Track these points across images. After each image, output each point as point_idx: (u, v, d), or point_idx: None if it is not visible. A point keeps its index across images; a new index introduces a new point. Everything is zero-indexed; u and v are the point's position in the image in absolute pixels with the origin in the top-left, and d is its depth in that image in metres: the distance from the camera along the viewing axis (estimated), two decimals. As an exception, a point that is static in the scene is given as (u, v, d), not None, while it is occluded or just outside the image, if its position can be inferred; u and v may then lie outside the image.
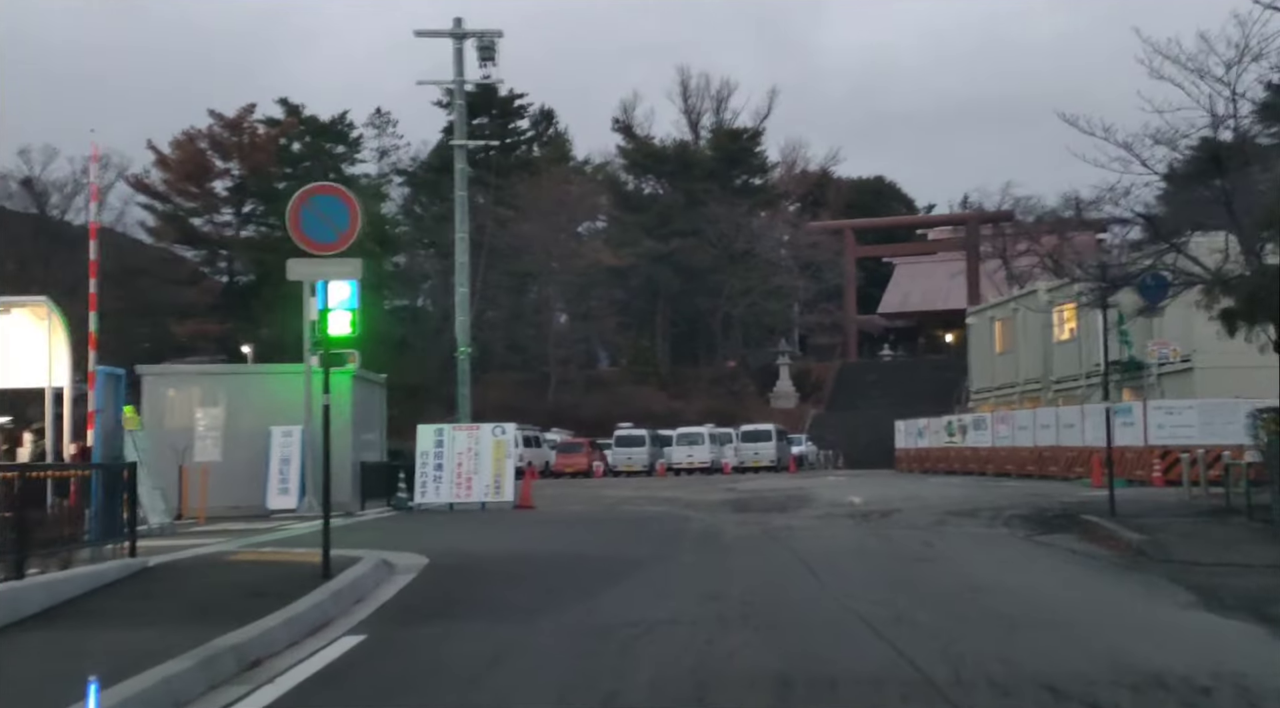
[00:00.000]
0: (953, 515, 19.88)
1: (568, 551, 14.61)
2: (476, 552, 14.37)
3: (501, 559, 13.40)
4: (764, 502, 25.51)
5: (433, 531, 18.25)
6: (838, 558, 13.57)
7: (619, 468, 52.48)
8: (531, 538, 16.78)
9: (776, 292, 71.55)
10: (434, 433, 24.23)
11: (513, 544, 15.74)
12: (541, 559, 13.46)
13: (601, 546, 15.46)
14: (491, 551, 14.58)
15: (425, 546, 14.61)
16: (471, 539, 16.48)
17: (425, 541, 15.72)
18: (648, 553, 14.27)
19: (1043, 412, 35.51)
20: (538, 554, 14.09)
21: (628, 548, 15.00)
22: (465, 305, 27.96)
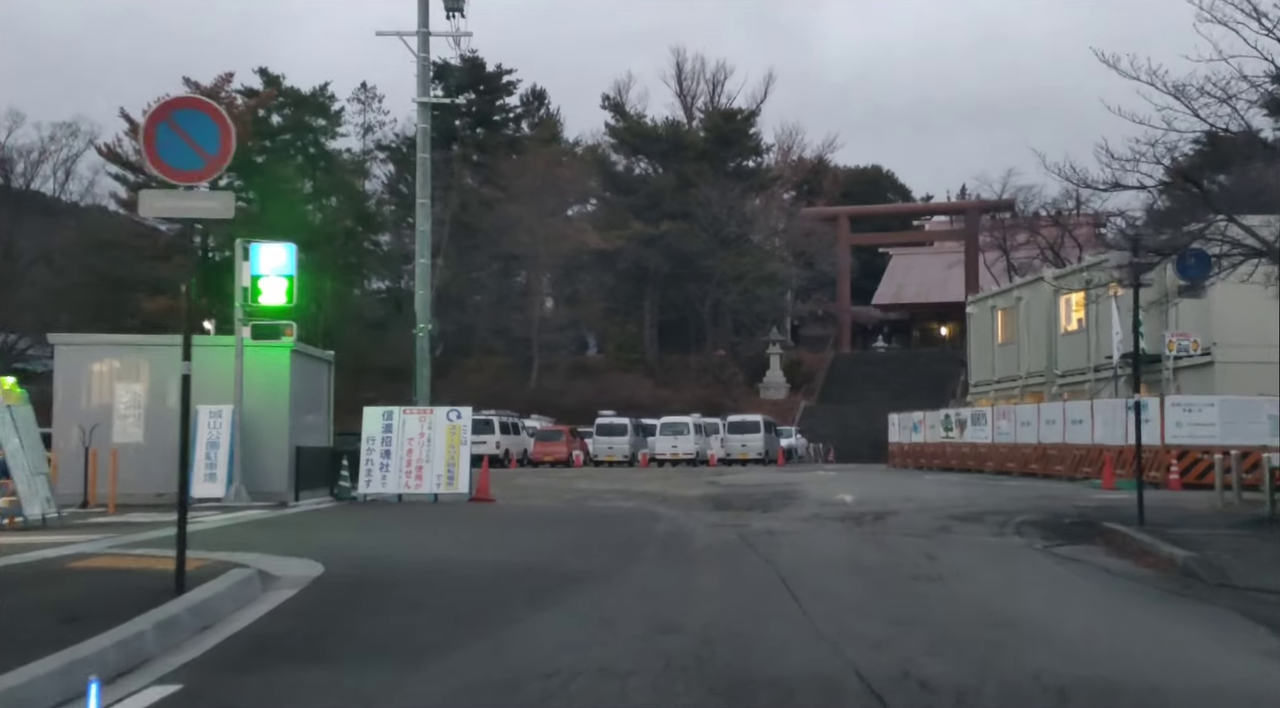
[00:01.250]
0: (956, 520, 17.62)
1: (504, 559, 12.30)
2: (392, 558, 12.05)
3: (417, 570, 11.08)
4: (746, 499, 23.26)
5: (360, 528, 15.96)
6: (825, 575, 11.29)
7: (600, 458, 50.24)
8: (469, 541, 14.46)
9: (769, 279, 69.27)
10: (382, 416, 21.91)
11: (443, 548, 13.42)
12: (466, 571, 11.15)
13: (547, 552, 13.15)
14: (412, 557, 12.26)
15: (336, 548, 12.32)
16: (397, 541, 14.19)
17: (341, 541, 13.45)
18: (599, 563, 11.99)
19: (1047, 407, 33.25)
20: (465, 564, 11.77)
21: (577, 556, 12.71)
22: (426, 278, 25.63)
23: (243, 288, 20.11)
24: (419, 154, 25.95)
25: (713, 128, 73.99)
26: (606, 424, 51.28)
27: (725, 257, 67.94)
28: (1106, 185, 14.19)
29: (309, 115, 73.86)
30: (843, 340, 78.19)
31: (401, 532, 15.52)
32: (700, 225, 68.12)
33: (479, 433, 51.23)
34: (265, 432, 20.57)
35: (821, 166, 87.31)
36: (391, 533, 15.25)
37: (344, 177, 74.13)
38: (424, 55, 24.78)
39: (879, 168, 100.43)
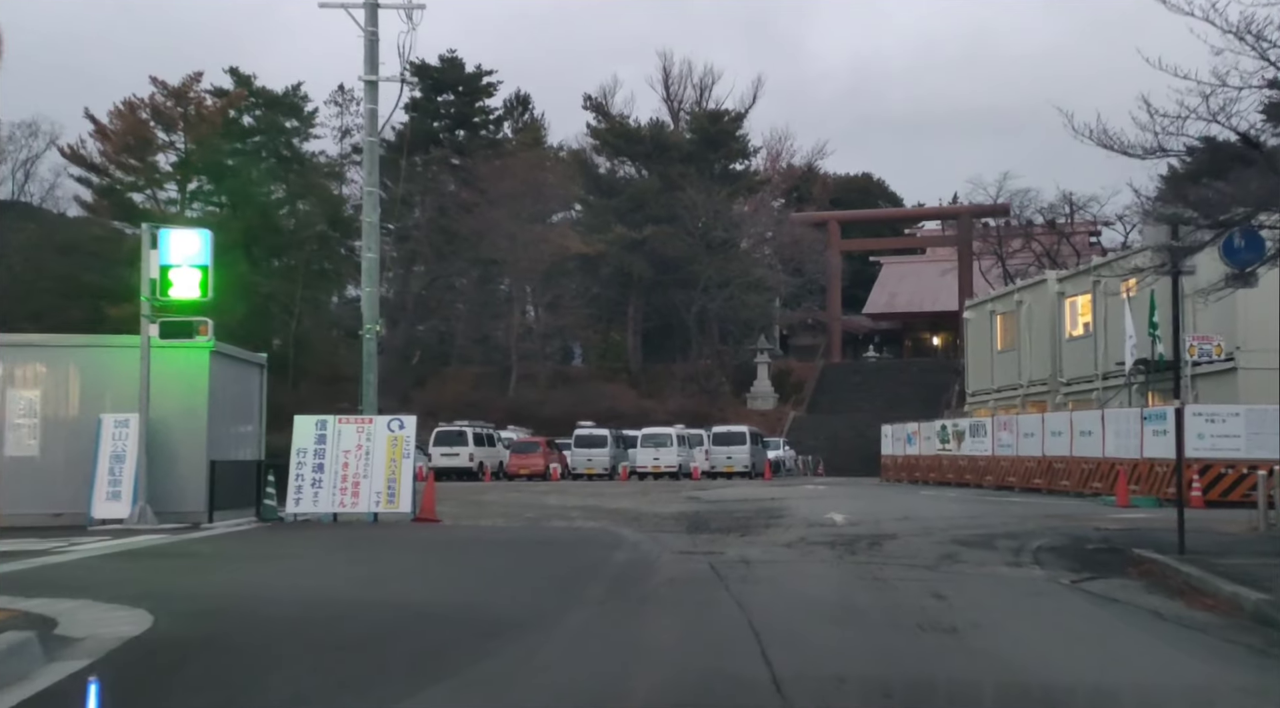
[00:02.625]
0: (963, 545, 15.27)
1: (413, 599, 9.92)
2: (262, 602, 9.63)
3: (286, 622, 8.67)
4: (726, 518, 20.89)
5: (260, 557, 13.59)
6: (809, 625, 8.95)
7: (578, 471, 47.80)
8: (384, 574, 12.07)
9: (756, 285, 66.88)
10: (314, 426, 19.47)
11: (341, 586, 11.02)
12: (353, 621, 8.76)
13: (472, 589, 10.79)
14: (292, 600, 9.84)
15: (200, 589, 9.99)
16: (294, 575, 11.82)
17: (220, 578, 11.10)
18: (530, 606, 9.64)
19: (1053, 417, 30.90)
20: (358, 609, 9.38)
21: (507, 595, 10.36)
22: (373, 274, 23.22)
23: (150, 280, 17.70)
24: (366, 137, 23.60)
25: (699, 129, 71.63)
26: (585, 436, 48.87)
27: (711, 262, 65.55)
28: (1146, 151, 11.84)
29: (281, 116, 71.43)
30: (833, 349, 75.84)
31: (308, 562, 13.13)
32: (685, 229, 65.76)
33: (452, 445, 49.22)
34: (179, 444, 18.15)
35: (811, 173, 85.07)
36: (294, 564, 12.85)
37: (318, 179, 71.69)
38: (372, 30, 22.42)
39: (869, 176, 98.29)
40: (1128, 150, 12.02)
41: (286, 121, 71.53)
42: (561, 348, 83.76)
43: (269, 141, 71.87)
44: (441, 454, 48.14)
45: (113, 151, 66.69)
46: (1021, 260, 63.61)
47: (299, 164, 71.84)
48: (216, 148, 70.03)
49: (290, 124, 71.51)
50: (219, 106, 68.81)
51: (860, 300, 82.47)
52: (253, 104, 71.00)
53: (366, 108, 23.08)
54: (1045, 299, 37.68)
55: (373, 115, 23.20)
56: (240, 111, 70.82)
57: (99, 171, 67.10)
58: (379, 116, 23.21)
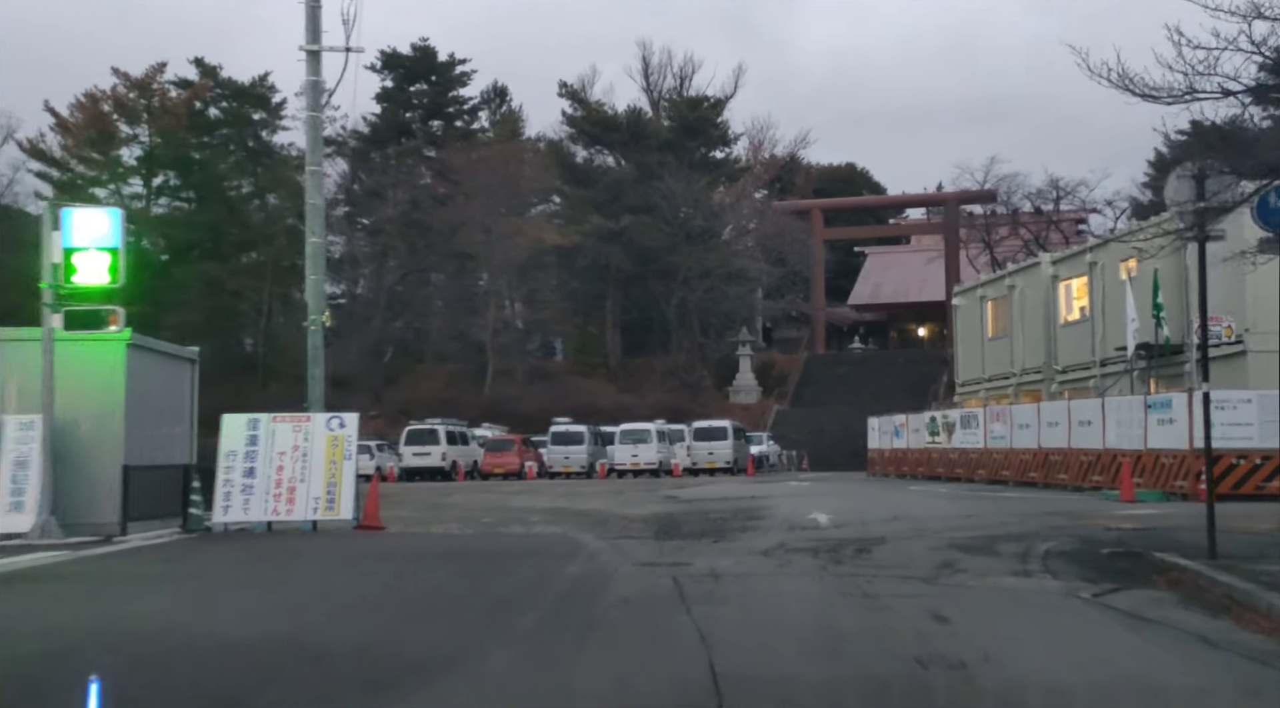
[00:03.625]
0: (961, 550, 13.59)
1: (302, 636, 8.19)
2: (120, 639, 7.88)
3: (123, 672, 6.89)
4: (701, 520, 19.22)
5: (155, 578, 11.86)
6: (783, 664, 7.27)
7: (555, 469, 46.06)
8: (286, 601, 10.33)
9: (738, 275, 65.18)
10: (245, 425, 17.72)
11: (224, 619, 9.26)
12: (207, 669, 7.02)
13: (383, 619, 9.07)
14: (153, 637, 8.09)
15: (52, 623, 8.24)
16: (172, 604, 10.07)
17: (89, 607, 9.36)
18: (444, 641, 7.93)
19: (1049, 406, 29.24)
20: (227, 650, 7.63)
21: (425, 624, 8.67)
22: (319, 260, 21.42)
23: (52, 264, 15.90)
24: (308, 112, 21.85)
25: (677, 116, 69.86)
26: (562, 433, 47.13)
27: (691, 252, 63.79)
28: (1175, 93, 10.15)
29: (249, 107, 69.44)
30: (817, 341, 74.21)
31: (206, 585, 11.39)
32: (664, 219, 63.98)
33: (423, 444, 47.41)
34: (92, 448, 16.35)
35: (793, 163, 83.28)
36: (189, 588, 11.11)
37: (287, 172, 69.73)
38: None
39: (853, 166, 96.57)
40: (1152, 93, 10.33)
41: (254, 113, 69.61)
42: (543, 344, 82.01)
43: (236, 134, 69.98)
44: (413, 454, 46.46)
45: (74, 145, 64.76)
46: (1009, 248, 62.14)
47: (267, 157, 69.91)
48: (182, 141, 68.16)
49: (258, 116, 69.57)
50: (184, 98, 66.92)
51: (844, 291, 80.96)
52: (219, 95, 69.08)
53: (308, 80, 21.29)
54: (1039, 283, 36.03)
55: (315, 88, 21.41)
56: (206, 103, 68.93)
57: (60, 166, 65.15)
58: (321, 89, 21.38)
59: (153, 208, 69.74)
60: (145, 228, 67.09)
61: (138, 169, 67.73)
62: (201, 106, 68.85)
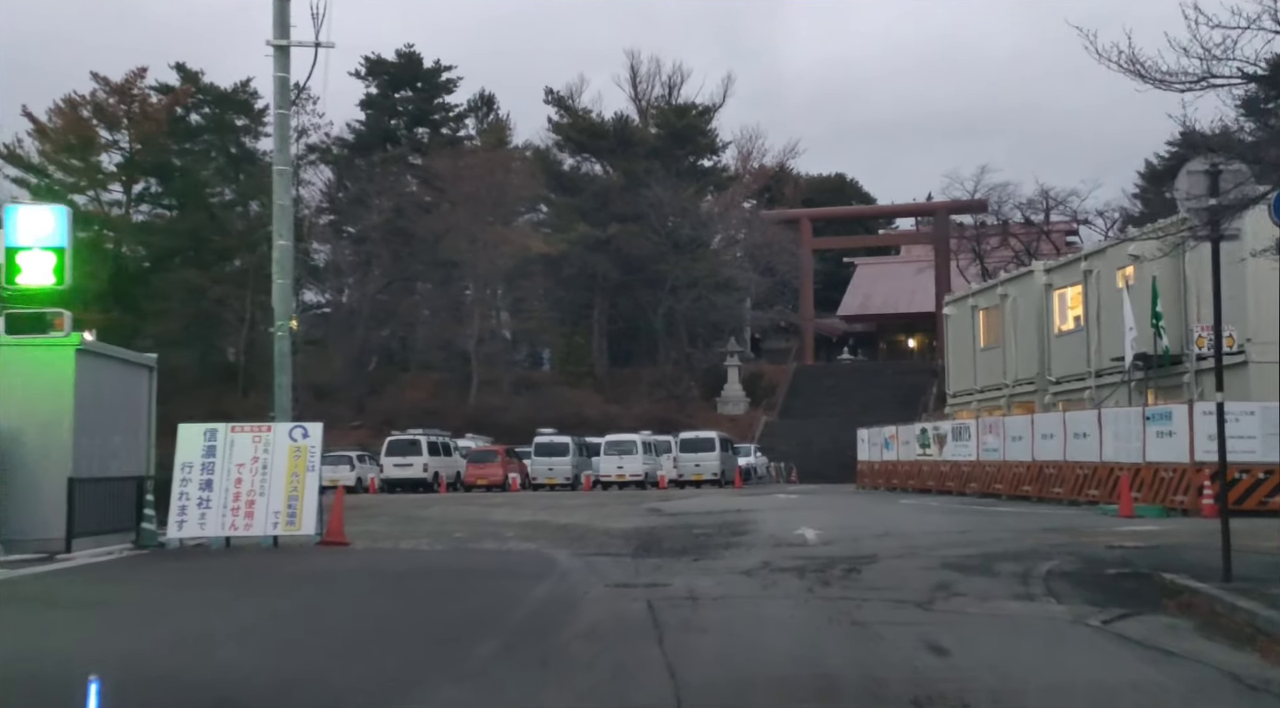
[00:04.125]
0: (957, 570, 12.75)
1: (227, 672, 7.32)
2: (13, 678, 6.98)
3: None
4: (683, 536, 18.37)
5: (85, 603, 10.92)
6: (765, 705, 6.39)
7: (539, 480, 45.17)
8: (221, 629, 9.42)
9: (726, 285, 64.35)
10: (203, 435, 16.82)
11: (145, 651, 8.34)
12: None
13: (322, 652, 8.19)
14: (52, 675, 7.18)
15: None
16: (94, 633, 9.17)
17: None
18: (384, 678, 7.07)
19: (1044, 418, 28.44)
20: (135, 691, 6.73)
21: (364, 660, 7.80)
22: (286, 263, 20.50)
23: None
24: (275, 110, 21.02)
25: (665, 124, 69.06)
26: (546, 443, 46.21)
27: (679, 261, 62.96)
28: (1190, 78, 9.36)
29: (231, 114, 68.47)
30: (806, 352, 73.42)
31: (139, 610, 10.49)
32: (651, 228, 63.15)
33: (405, 455, 46.46)
34: (39, 459, 15.41)
35: (783, 173, 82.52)
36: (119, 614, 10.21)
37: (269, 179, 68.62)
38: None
39: (843, 176, 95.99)
40: (1165, 79, 9.52)
41: (236, 119, 68.66)
42: (530, 354, 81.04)
43: (218, 140, 69.02)
44: (394, 465, 45.50)
45: (52, 151, 63.68)
46: (1000, 258, 61.48)
47: (250, 163, 68.91)
48: (163, 147, 67.18)
49: (240, 122, 68.62)
50: (164, 104, 65.91)
51: (833, 303, 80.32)
52: (200, 101, 68.14)
53: (276, 76, 20.41)
54: (1032, 292, 35.23)
55: (283, 84, 20.53)
56: (187, 109, 67.97)
57: (38, 172, 64.06)
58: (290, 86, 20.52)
59: (133, 215, 68.77)
60: (125, 235, 66.15)
61: (117, 175, 66.68)
62: (183, 112, 67.90)
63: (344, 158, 73.47)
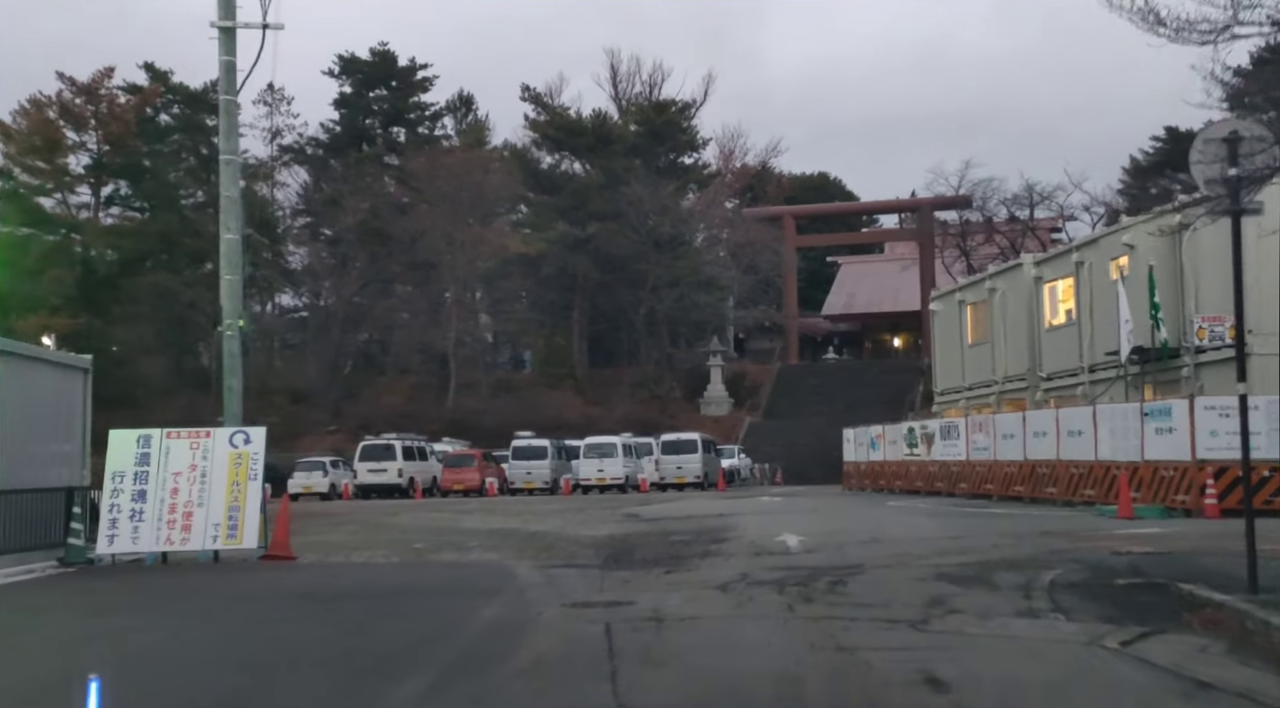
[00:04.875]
0: (953, 582, 11.60)
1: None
2: None
3: None
4: (658, 544, 17.22)
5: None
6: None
7: (516, 485, 43.90)
8: (119, 660, 8.18)
9: (708, 284, 63.17)
10: (136, 442, 15.58)
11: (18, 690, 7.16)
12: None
13: (221, 688, 6.97)
14: None
15: None
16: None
17: None
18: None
19: (1036, 415, 27.31)
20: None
21: (268, 699, 6.56)
22: (234, 258, 19.29)
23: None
24: (222, 95, 19.69)
25: (644, 120, 67.87)
26: (524, 447, 44.97)
27: (660, 260, 61.77)
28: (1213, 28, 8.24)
29: (202, 114, 67.00)
30: (790, 351, 72.32)
31: (19, 644, 9.23)
32: (631, 226, 61.90)
33: (379, 460, 45.15)
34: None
35: (765, 172, 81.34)
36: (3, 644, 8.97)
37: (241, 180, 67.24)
38: (224, -34, 18.54)
39: (826, 175, 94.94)
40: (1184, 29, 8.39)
41: (207, 120, 67.14)
42: (512, 356, 79.72)
43: (188, 141, 67.57)
44: (368, 470, 44.21)
45: (17, 153, 62.17)
46: (985, 255, 60.46)
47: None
48: (132, 148, 65.76)
49: (211, 122, 67.05)
50: (133, 104, 64.48)
51: (817, 302, 79.31)
52: (170, 101, 66.74)
53: (221, 59, 19.19)
54: (1021, 285, 34.12)
55: (229, 69, 19.31)
56: (156, 109, 66.57)
57: (3, 175, 62.55)
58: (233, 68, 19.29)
59: (102, 217, 67.34)
60: (94, 238, 64.69)
61: (85, 177, 65.25)
62: (152, 113, 66.51)
63: (318, 158, 72.15)
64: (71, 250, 63.89)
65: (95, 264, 65.24)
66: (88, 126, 63.75)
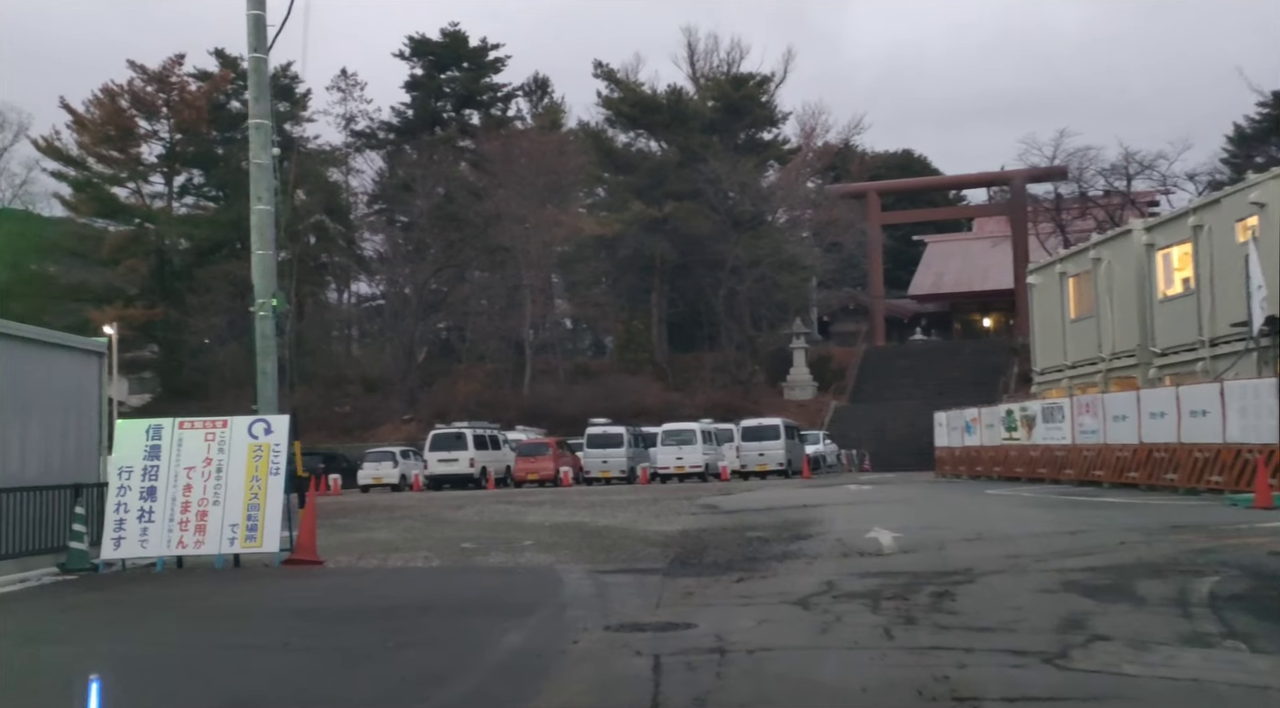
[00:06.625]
0: (1087, 594, 9.50)
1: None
2: None
3: None
4: (733, 541, 15.34)
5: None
6: None
7: (592, 474, 42.15)
8: None
9: (790, 264, 60.76)
10: (145, 434, 13.97)
11: None
12: None
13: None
14: None
15: None
16: None
17: None
18: None
19: (1153, 394, 24.82)
20: None
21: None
22: (267, 231, 17.67)
23: None
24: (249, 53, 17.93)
25: (721, 96, 65.55)
26: (599, 435, 43.11)
27: (739, 240, 59.53)
28: None
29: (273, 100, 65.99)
30: (876, 333, 69.76)
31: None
32: (709, 205, 59.79)
33: (449, 449, 43.60)
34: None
35: (847, 151, 78.57)
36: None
37: (314, 166, 66.36)
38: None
39: (910, 152, 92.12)
40: None
41: (278, 105, 66.27)
42: (593, 341, 78.10)
43: (259, 128, 66.52)
44: (439, 460, 42.62)
45: (91, 143, 61.81)
46: (1080, 230, 57.35)
47: (293, 150, 66.62)
48: (203, 136, 65.13)
49: (282, 107, 66.26)
50: (203, 91, 63.87)
51: (903, 283, 76.78)
52: (241, 87, 65.89)
53: (250, 14, 17.56)
54: (1130, 254, 31.43)
55: (258, 24, 17.66)
56: (227, 96, 65.86)
57: (77, 164, 62.20)
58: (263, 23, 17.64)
59: (176, 206, 66.84)
60: (167, 227, 64.14)
61: (158, 166, 64.79)
62: (223, 99, 65.77)
63: (391, 143, 71.03)
64: (146, 240, 63.43)
65: (169, 253, 64.77)
66: (159, 115, 63.28)
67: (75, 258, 62.36)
